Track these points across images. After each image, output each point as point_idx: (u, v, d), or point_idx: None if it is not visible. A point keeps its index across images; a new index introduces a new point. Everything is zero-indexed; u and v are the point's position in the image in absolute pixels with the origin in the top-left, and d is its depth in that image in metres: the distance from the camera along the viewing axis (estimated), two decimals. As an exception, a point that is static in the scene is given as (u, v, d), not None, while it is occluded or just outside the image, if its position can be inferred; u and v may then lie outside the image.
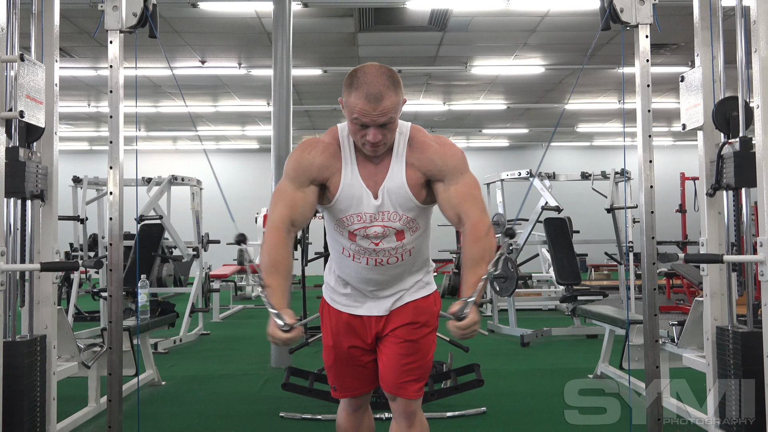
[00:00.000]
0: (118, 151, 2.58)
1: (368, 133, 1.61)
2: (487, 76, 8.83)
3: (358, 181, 1.70)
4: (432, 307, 1.86)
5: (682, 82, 2.78)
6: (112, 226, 2.60)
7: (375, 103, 1.57)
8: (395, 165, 1.70)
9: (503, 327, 5.91)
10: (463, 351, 3.77)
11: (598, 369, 4.03)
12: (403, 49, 7.69)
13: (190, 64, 8.00)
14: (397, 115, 1.63)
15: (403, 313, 1.81)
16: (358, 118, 1.60)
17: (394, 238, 1.74)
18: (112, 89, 2.59)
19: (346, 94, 1.62)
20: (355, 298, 1.83)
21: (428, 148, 1.71)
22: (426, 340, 1.83)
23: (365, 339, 1.83)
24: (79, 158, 13.75)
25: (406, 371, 1.79)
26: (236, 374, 4.40)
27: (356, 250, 1.76)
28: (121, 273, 2.61)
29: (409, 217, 1.73)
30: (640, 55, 2.58)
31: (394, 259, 1.76)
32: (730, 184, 2.53)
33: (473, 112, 11.26)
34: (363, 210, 1.71)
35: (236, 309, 7.90)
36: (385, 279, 1.79)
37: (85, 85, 8.98)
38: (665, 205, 9.61)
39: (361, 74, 1.60)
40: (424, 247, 1.84)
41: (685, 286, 7.89)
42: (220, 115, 11.20)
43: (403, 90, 1.64)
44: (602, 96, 9.98)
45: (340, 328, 1.85)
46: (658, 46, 7.36)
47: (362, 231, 1.72)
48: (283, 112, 4.87)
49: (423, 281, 1.86)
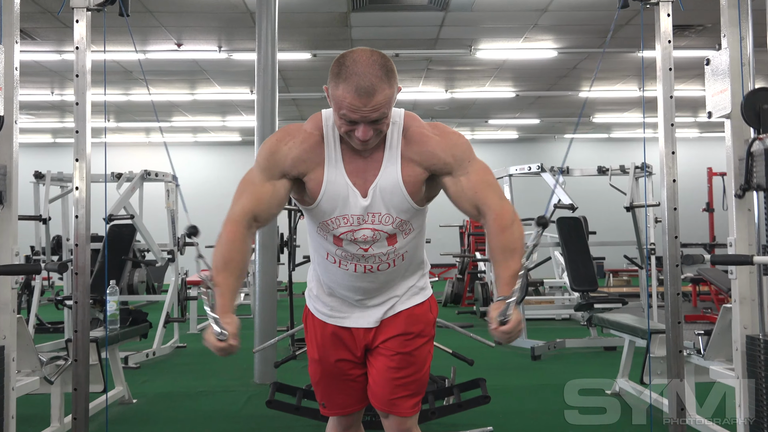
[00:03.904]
0: (84, 142, 2.58)
1: (357, 130, 1.56)
2: (493, 60, 8.85)
3: (343, 179, 1.65)
4: (427, 315, 1.85)
5: (708, 66, 2.79)
6: (78, 226, 2.60)
7: (366, 98, 1.51)
8: (389, 160, 1.66)
9: (512, 338, 5.90)
10: (468, 364, 3.77)
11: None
12: (400, 31, 7.70)
13: (164, 48, 7.99)
14: (390, 110, 1.59)
15: (394, 323, 1.80)
16: (346, 114, 1.54)
17: (386, 242, 1.71)
18: (78, 74, 2.58)
19: (333, 84, 1.55)
20: (341, 309, 1.82)
21: (428, 140, 1.67)
22: (421, 352, 1.82)
23: (354, 351, 1.82)
24: (42, 152, 13.73)
25: (399, 386, 1.78)
26: (216, 391, 4.39)
27: (342, 256, 1.73)
28: (87, 278, 2.61)
29: (403, 220, 1.70)
30: (661, 37, 2.59)
31: (385, 266, 1.74)
32: (761, 185, 2.53)
33: (478, 101, 11.28)
34: (350, 211, 1.67)
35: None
36: (374, 287, 1.77)
37: (48, 71, 8.95)
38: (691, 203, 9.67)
39: (350, 62, 1.53)
40: (419, 249, 1.82)
41: (713, 293, 7.92)
42: (197, 104, 11.19)
43: (397, 78, 1.59)
44: (621, 83, 10.01)
45: (325, 339, 1.83)
46: (682, 28, 7.38)
47: (349, 235, 1.69)
48: (267, 101, 4.86)
49: (417, 286, 1.84)
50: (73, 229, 2.65)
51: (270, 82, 4.89)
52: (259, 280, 4.78)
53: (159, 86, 9.96)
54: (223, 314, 1.53)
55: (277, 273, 5.20)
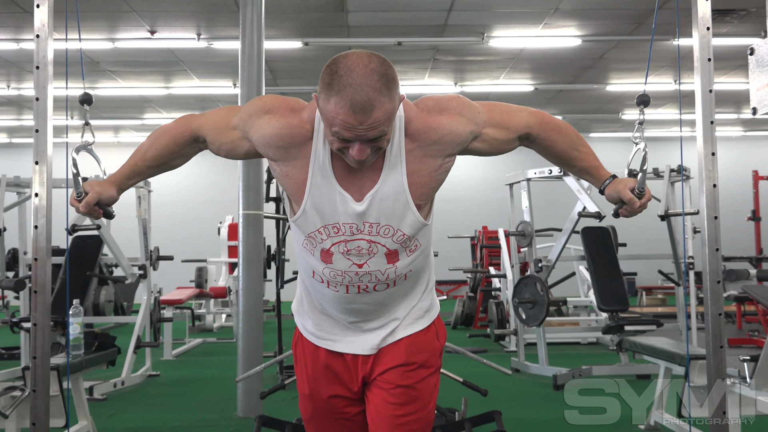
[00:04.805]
0: (45, 143, 2.59)
1: (352, 148, 1.53)
2: (509, 49, 8.89)
3: (331, 183, 1.62)
4: (433, 343, 1.82)
5: (752, 56, 2.81)
6: (38, 237, 2.60)
7: (362, 115, 1.47)
8: (390, 164, 1.62)
9: (531, 365, 5.91)
10: (481, 395, 3.77)
11: (651, 417, 4.03)
12: (403, 16, 7.73)
13: (136, 35, 8.03)
14: (392, 125, 1.56)
15: (394, 351, 1.77)
16: (339, 132, 1.51)
17: (384, 259, 1.68)
18: (38, 65, 2.60)
19: (324, 96, 1.51)
20: (332, 330, 1.80)
21: (438, 125, 1.63)
22: (425, 385, 1.79)
23: (350, 386, 1.80)
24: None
25: (401, 425, 1.76)
26: (194, 425, 4.39)
27: (332, 276, 1.70)
28: (48, 297, 2.61)
29: (406, 235, 1.67)
30: (698, 23, 2.60)
31: (383, 286, 1.71)
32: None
33: (492, 95, 11.32)
34: (340, 219, 1.64)
35: (193, 344, 7.87)
36: (370, 308, 1.75)
37: (4, 62, 9.00)
38: (734, 211, 9.70)
39: (344, 71, 1.48)
40: (425, 268, 1.80)
41: (760, 314, 7.90)
42: (173, 100, 11.24)
43: (399, 86, 1.54)
44: (653, 74, 10.05)
45: (318, 372, 1.81)
46: (723, 12, 7.42)
47: (341, 246, 1.66)
48: (253, 95, 4.87)
49: (420, 307, 1.81)
50: (32, 241, 2.65)
51: (255, 75, 4.91)
52: (243, 299, 4.78)
53: (130, 79, 10.00)
54: (105, 183, 1.75)
55: (263, 291, 5.20)
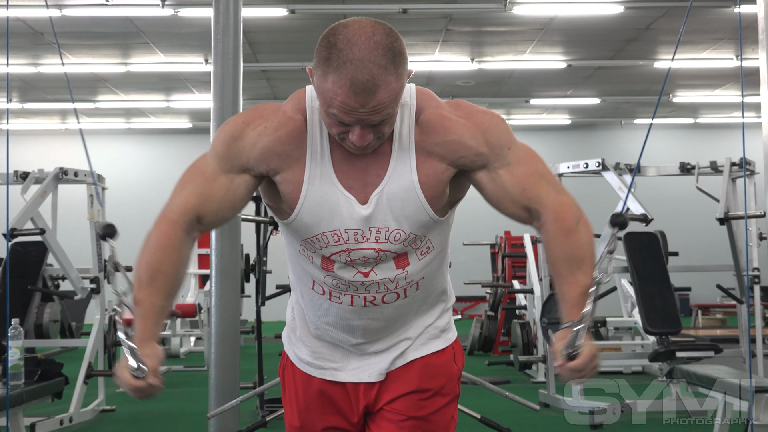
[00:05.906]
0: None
1: (352, 132, 1.57)
2: (536, 18, 8.89)
3: (332, 182, 1.65)
4: (450, 366, 1.85)
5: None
6: (-31, 245, 2.60)
7: (364, 96, 1.50)
8: (399, 156, 1.66)
9: (563, 399, 5.89)
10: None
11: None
12: (409, -21, 7.74)
13: (87, 1, 8.03)
14: (397, 107, 1.58)
15: (405, 376, 1.80)
16: (337, 115, 1.54)
17: (393, 264, 1.71)
18: (-31, 37, 2.59)
19: (320, 72, 1.53)
20: (332, 357, 1.82)
21: (451, 126, 1.66)
22: (441, 417, 1.82)
23: (349, 417, 1.83)
24: None
25: None
26: (156, 471, 4.39)
27: (334, 285, 1.73)
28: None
29: (417, 235, 1.70)
30: (767, -14, 2.60)
31: (392, 296, 1.74)
32: None
33: (516, 74, 11.33)
34: (342, 225, 1.67)
35: (157, 372, 7.89)
36: (378, 326, 1.77)
37: (-71, 33, 9.01)
38: (808, 213, 9.68)
39: (343, 44, 1.50)
40: (439, 275, 1.82)
41: (839, 337, 7.90)
42: (133, 78, 11.24)
43: (407, 61, 1.57)
44: (710, 49, 10.05)
45: (310, 400, 1.83)
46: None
47: (344, 256, 1.69)
48: (228, 74, 4.88)
49: (436, 326, 1.84)
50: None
51: (232, 49, 4.91)
52: (216, 319, 4.78)
53: (79, 54, 10.01)
54: (143, 343, 1.55)
55: (240, 309, 5.20)
